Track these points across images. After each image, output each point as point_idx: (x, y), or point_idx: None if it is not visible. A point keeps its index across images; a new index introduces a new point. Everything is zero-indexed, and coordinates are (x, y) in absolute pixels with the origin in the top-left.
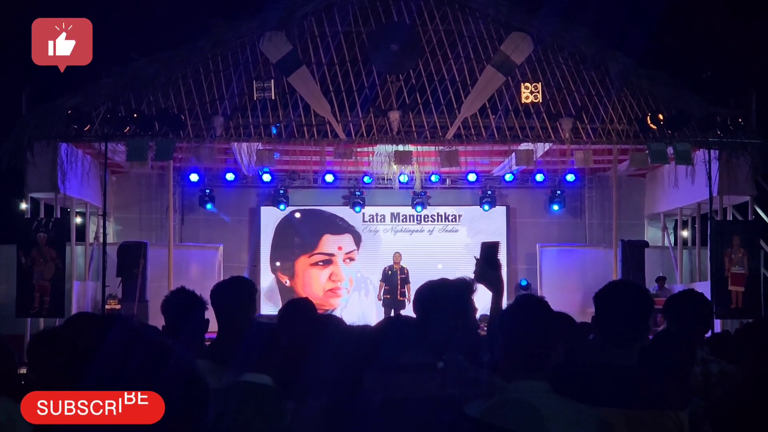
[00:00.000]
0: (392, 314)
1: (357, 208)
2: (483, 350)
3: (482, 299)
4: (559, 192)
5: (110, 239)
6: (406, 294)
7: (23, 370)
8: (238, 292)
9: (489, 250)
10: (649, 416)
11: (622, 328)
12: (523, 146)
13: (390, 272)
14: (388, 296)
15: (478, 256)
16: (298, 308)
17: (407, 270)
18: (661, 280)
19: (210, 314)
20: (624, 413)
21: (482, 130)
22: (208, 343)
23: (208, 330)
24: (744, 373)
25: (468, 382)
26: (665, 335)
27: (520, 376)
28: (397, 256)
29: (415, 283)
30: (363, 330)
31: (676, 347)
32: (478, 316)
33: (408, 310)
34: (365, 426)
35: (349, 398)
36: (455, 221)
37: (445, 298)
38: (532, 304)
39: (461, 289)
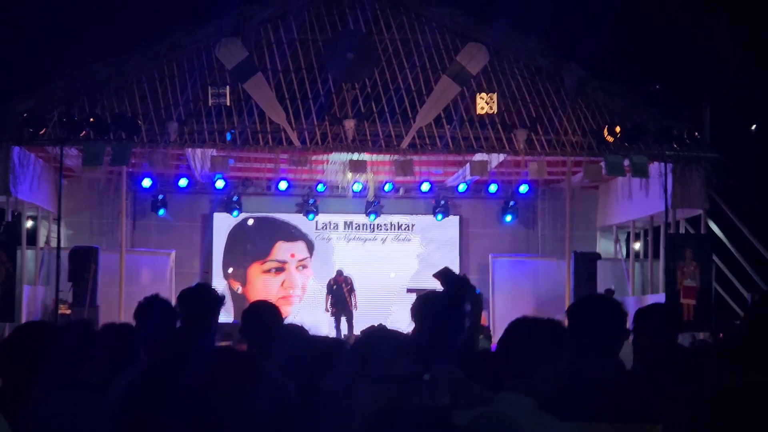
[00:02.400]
0: (342, 322)
1: (310, 216)
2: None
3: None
4: (512, 203)
5: (61, 244)
6: (354, 302)
7: None
8: (208, 299)
9: (444, 278)
10: (624, 429)
11: (597, 341)
12: (478, 157)
13: (335, 286)
14: (335, 308)
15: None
16: (263, 314)
17: (351, 280)
18: (609, 292)
19: None
20: (598, 426)
21: (437, 139)
22: None
23: None
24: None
25: (458, 391)
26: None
27: (506, 388)
28: (339, 274)
29: (364, 291)
30: (335, 341)
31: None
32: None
33: (356, 316)
34: None
35: (336, 408)
36: (408, 230)
37: (442, 308)
38: (527, 321)
39: (458, 300)
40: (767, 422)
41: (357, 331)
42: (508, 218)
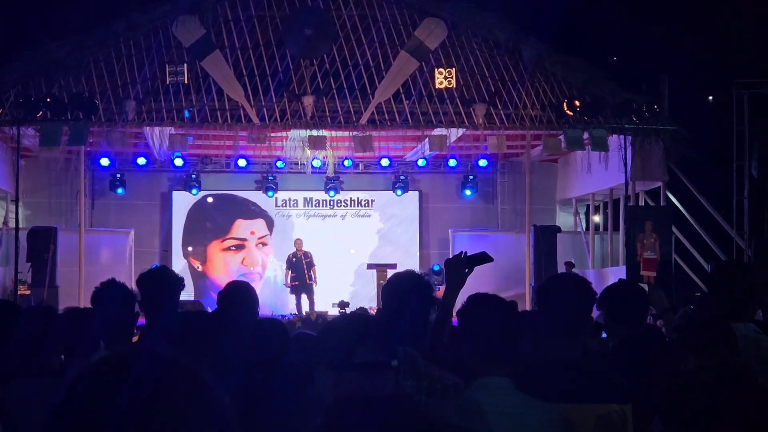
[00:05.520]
0: (304, 299)
1: (270, 193)
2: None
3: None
4: (471, 177)
5: (20, 224)
6: (313, 277)
7: None
8: (167, 282)
9: (481, 259)
10: (592, 410)
11: (566, 321)
12: (437, 131)
13: (294, 259)
14: (297, 282)
15: (468, 254)
16: (242, 296)
17: (310, 254)
18: (568, 265)
19: None
20: (567, 407)
21: (396, 115)
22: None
23: None
24: (692, 366)
25: (422, 376)
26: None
27: (483, 373)
28: (299, 242)
29: (324, 267)
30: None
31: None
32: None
33: (316, 293)
34: (315, 425)
35: (296, 395)
36: (368, 206)
37: (418, 290)
38: (487, 300)
39: (429, 284)
40: (733, 402)
41: (318, 308)
42: (468, 193)
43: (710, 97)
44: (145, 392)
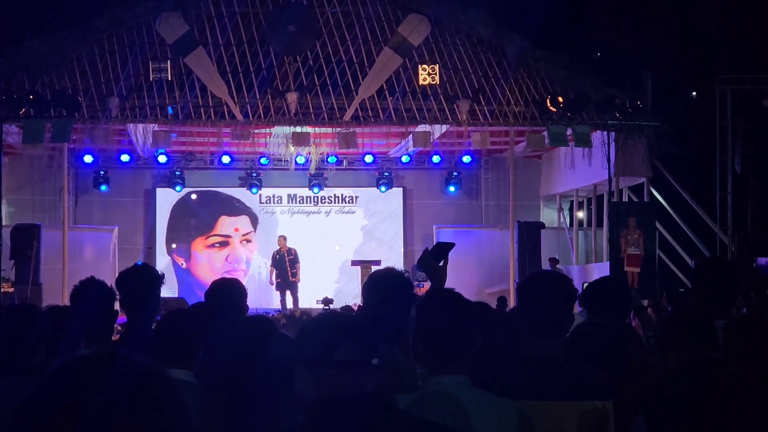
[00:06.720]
0: (288, 296)
1: (254, 190)
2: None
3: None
4: (455, 173)
5: (3, 221)
6: (297, 274)
7: None
8: (146, 279)
9: (442, 247)
10: (574, 407)
11: (548, 319)
12: (421, 128)
13: (278, 256)
14: (280, 279)
15: (430, 248)
16: (231, 293)
17: (294, 251)
18: (553, 261)
19: None
20: (549, 405)
21: (380, 111)
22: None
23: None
24: (677, 364)
25: (403, 373)
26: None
27: (439, 371)
28: (282, 239)
29: (309, 264)
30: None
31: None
32: None
33: (301, 290)
34: (297, 423)
35: (278, 393)
36: (352, 202)
37: (399, 288)
38: (443, 298)
39: (409, 281)
40: (715, 398)
41: (302, 304)
42: (452, 189)
43: (693, 93)
44: (113, 396)
